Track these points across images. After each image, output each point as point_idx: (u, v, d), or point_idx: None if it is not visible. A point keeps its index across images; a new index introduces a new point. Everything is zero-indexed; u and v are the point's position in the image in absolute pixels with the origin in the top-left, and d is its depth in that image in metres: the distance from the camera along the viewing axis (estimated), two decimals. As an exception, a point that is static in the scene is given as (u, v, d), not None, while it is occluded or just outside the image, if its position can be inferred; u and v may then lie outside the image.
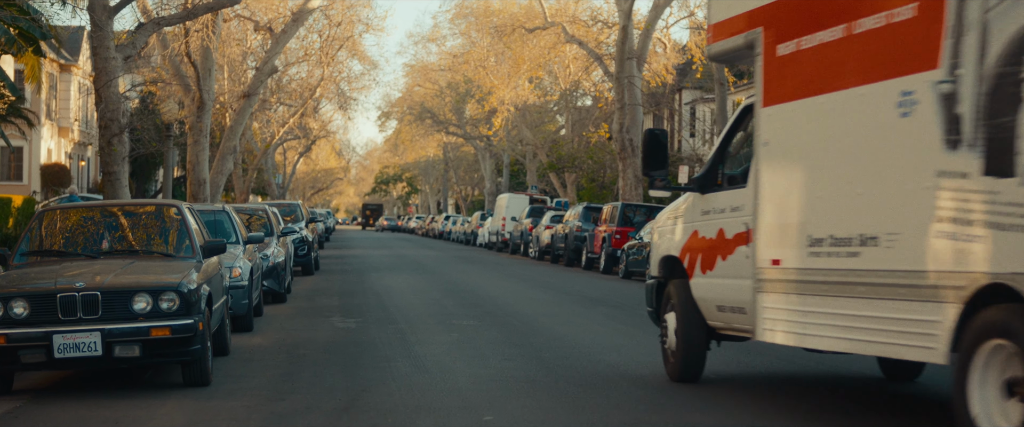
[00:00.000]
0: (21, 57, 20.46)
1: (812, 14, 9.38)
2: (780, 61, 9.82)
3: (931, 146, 7.89)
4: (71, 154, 61.72)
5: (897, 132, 8.26)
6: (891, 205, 8.36)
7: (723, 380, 12.09)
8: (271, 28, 44.08)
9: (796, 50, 9.57)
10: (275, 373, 12.66)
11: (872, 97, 8.56)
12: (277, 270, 21.05)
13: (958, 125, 7.66)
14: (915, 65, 8.06)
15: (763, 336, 10.15)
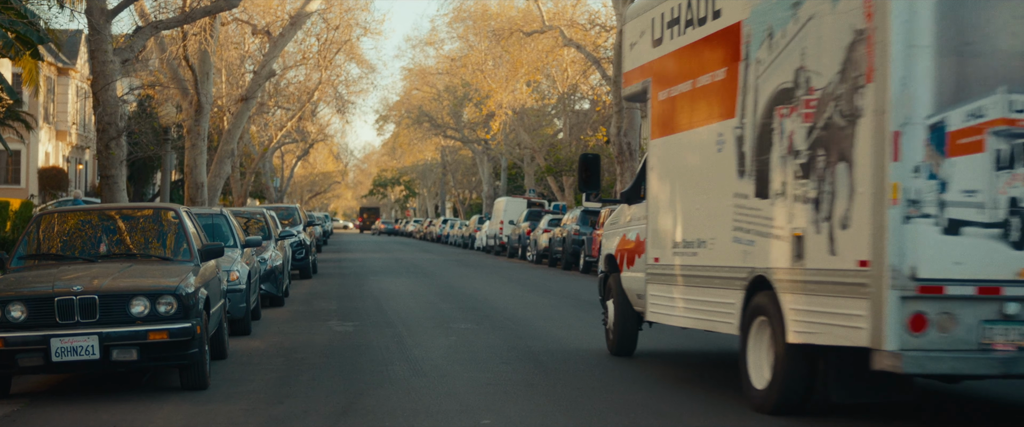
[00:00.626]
0: (19, 61, 20.46)
1: (677, 70, 12.11)
2: (660, 105, 12.55)
3: (730, 175, 10.73)
4: (69, 157, 61.70)
5: (715, 164, 11.08)
6: (712, 217, 11.18)
7: (722, 383, 12.10)
8: (269, 32, 44.08)
9: (668, 97, 12.32)
10: (273, 377, 12.65)
11: (704, 136, 11.37)
12: (275, 273, 21.04)
13: (743, 160, 10.50)
14: (725, 114, 10.88)
15: (650, 317, 12.95)
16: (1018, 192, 8.52)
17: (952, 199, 8.48)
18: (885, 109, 8.49)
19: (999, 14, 8.59)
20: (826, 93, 9.22)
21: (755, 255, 10.22)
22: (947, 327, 8.48)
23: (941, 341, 8.46)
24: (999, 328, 8.56)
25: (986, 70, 8.56)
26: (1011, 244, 8.52)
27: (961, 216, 8.50)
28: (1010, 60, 8.57)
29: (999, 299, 8.53)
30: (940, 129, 8.47)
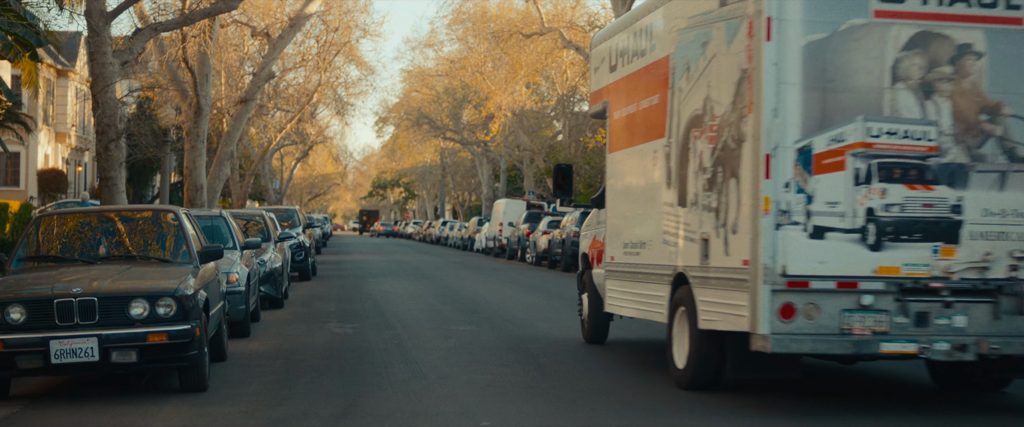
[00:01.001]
0: (18, 63, 20.44)
1: (626, 93, 13.78)
2: (614, 123, 14.26)
3: (661, 186, 12.42)
4: (68, 159, 61.68)
5: (651, 176, 12.81)
6: (649, 222, 12.92)
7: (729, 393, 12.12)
8: (268, 34, 44.08)
9: (620, 116, 14.03)
10: (272, 379, 12.65)
11: (644, 152, 13.07)
12: (274, 275, 21.03)
13: (670, 173, 12.16)
14: (658, 133, 12.52)
15: (608, 309, 14.65)
16: (874, 203, 10.16)
17: (817, 209, 10.13)
18: (760, 135, 10.12)
19: (855, 56, 10.26)
20: (723, 120, 10.87)
21: (677, 255, 11.98)
22: (813, 315, 10.09)
23: (807, 327, 10.07)
24: (857, 316, 10.15)
25: (846, 102, 10.19)
26: (868, 246, 10.16)
27: (825, 223, 10.16)
28: (866, 94, 10.22)
29: (857, 292, 10.11)
30: (807, 151, 10.13)
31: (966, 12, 10.37)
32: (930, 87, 10.33)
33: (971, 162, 10.36)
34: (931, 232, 10.25)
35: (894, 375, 13.29)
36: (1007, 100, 10.40)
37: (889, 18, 10.32)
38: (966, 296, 10.25)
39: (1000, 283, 10.27)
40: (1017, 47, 10.43)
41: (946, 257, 10.25)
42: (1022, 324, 10.27)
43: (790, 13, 10.16)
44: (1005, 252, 10.29)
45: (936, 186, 10.28)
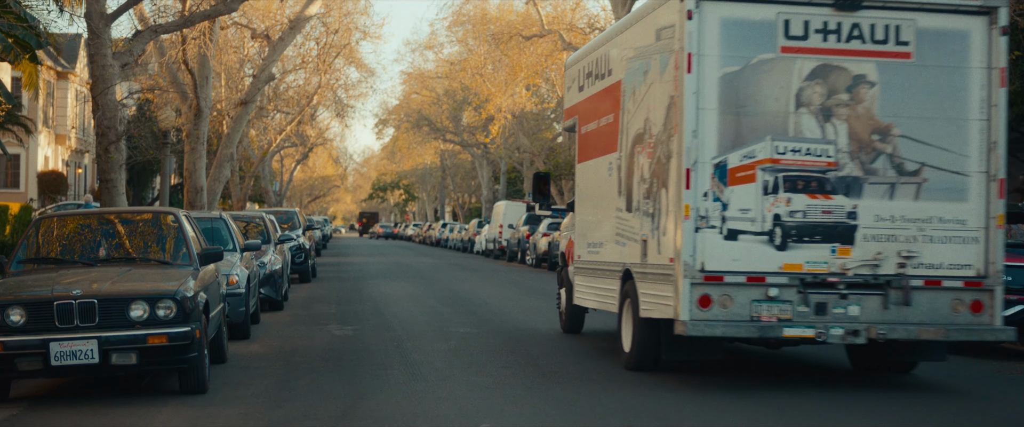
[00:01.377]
0: (18, 65, 20.44)
1: (590, 111, 15.55)
2: (582, 137, 16.12)
3: (614, 194, 14.12)
4: (68, 161, 61.67)
5: (607, 185, 14.48)
6: (606, 225, 14.57)
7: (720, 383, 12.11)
8: (268, 36, 44.08)
9: (586, 132, 15.84)
10: (272, 381, 12.65)
11: (602, 163, 14.78)
12: (274, 277, 21.03)
13: (621, 183, 13.90)
14: (612, 148, 14.28)
15: (577, 301, 16.53)
16: (780, 210, 11.80)
17: (731, 215, 11.78)
18: (682, 152, 11.78)
19: (764, 86, 11.90)
20: (657, 138, 12.58)
21: (625, 254, 13.66)
22: (726, 305, 11.71)
23: (722, 314, 11.69)
24: (764, 305, 11.75)
25: (756, 125, 11.87)
26: (775, 247, 11.80)
27: (738, 227, 11.81)
28: (774, 118, 11.89)
29: (765, 285, 11.72)
30: (723, 166, 11.80)
31: (861, 48, 12.05)
32: (829, 111, 12.00)
33: (864, 175, 12.01)
34: (829, 235, 11.89)
35: (816, 359, 14.93)
36: (896, 123, 12.05)
37: (794, 53, 11.99)
38: (859, 289, 11.89)
39: (889, 278, 11.91)
40: (905, 77, 12.07)
41: (842, 256, 11.91)
42: (907, 313, 11.90)
43: (708, 49, 11.82)
44: (894, 252, 11.95)
45: (834, 196, 11.94)
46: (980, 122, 12.14)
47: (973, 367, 14.54)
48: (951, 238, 12.07)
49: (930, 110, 12.12)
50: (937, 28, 12.15)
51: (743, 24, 11.94)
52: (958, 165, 12.13)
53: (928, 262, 12.00)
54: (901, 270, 11.91)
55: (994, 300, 12.11)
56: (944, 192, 12.11)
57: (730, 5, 11.96)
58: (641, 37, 13.34)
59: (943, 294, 12.03)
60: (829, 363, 14.56)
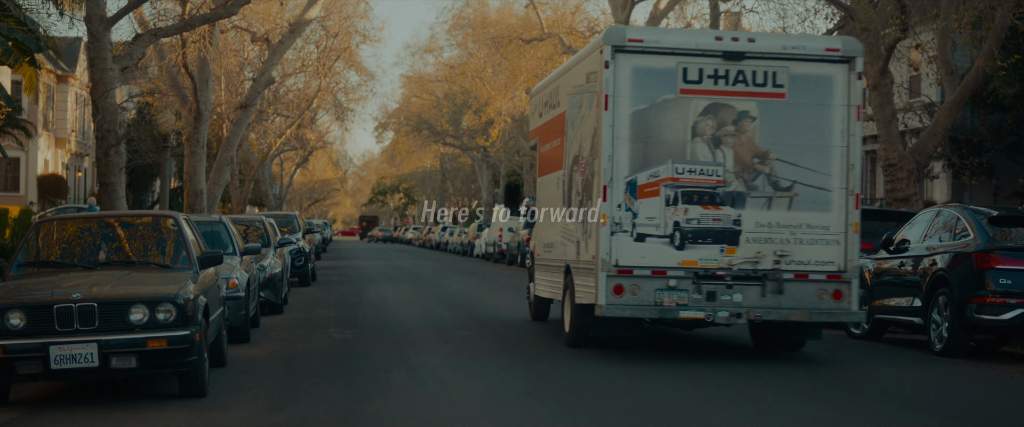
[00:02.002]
0: (18, 68, 20.43)
1: (545, 135, 18.35)
2: (540, 155, 18.86)
3: (561, 203, 16.82)
4: (68, 165, 61.67)
5: (556, 196, 17.17)
6: (554, 229, 17.31)
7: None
8: (268, 39, 44.12)
9: (543, 151, 18.62)
10: (272, 384, 12.65)
11: (553, 178, 17.53)
12: (274, 281, 21.02)
13: (565, 195, 16.59)
14: (559, 166, 17.04)
15: (537, 292, 19.34)
16: (679, 218, 14.52)
17: (640, 223, 14.57)
18: (601, 172, 14.56)
19: (667, 120, 14.62)
20: (587, 161, 15.32)
21: (567, 252, 16.39)
22: (636, 292, 14.42)
23: (632, 300, 14.41)
24: (665, 293, 14.40)
25: (660, 151, 14.61)
26: (675, 247, 14.52)
27: (645, 232, 14.59)
28: (674, 145, 14.62)
29: (666, 277, 14.41)
30: (633, 183, 14.58)
31: (744, 89, 14.68)
32: (719, 140, 14.69)
33: (747, 190, 14.67)
34: (719, 237, 14.58)
35: (727, 339, 17.85)
36: (773, 149, 14.71)
37: (690, 94, 14.67)
38: (742, 281, 14.49)
39: (766, 272, 14.52)
40: (780, 113, 14.71)
41: (729, 254, 14.55)
42: (780, 300, 14.49)
43: (622, 91, 14.55)
44: (771, 251, 14.60)
45: (722, 207, 14.60)
46: (841, 148, 14.77)
47: (973, 371, 14.54)
48: (817, 241, 14.67)
49: (800, 139, 14.75)
50: (807, 73, 14.79)
51: (650, 71, 14.65)
52: (823, 182, 14.73)
53: (798, 260, 14.62)
54: (776, 266, 14.57)
55: (851, 290, 14.67)
56: (811, 204, 14.72)
57: (639, 57, 14.63)
58: (578, 78, 16.08)
59: (810, 285, 14.61)
60: (735, 341, 17.50)
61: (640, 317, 14.80)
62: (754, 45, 14.78)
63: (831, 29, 34.35)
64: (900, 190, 25.64)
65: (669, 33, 17.40)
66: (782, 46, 14.93)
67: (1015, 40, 27.39)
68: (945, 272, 15.79)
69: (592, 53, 15.26)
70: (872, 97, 26.51)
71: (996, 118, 32.71)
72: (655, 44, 14.76)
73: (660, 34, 16.14)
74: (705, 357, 15.54)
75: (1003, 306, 15.05)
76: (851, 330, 18.35)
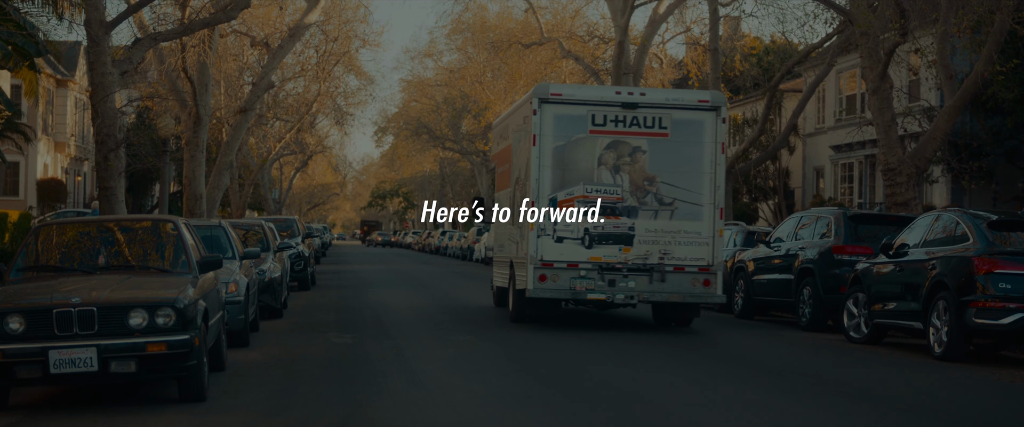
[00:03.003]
0: (17, 72, 20.41)
1: (500, 158, 22.80)
2: (498, 175, 23.25)
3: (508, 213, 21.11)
4: (67, 169, 61.65)
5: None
6: (505, 233, 21.83)
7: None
8: (268, 43, 44.09)
9: (499, 172, 22.95)
10: (271, 388, 12.65)
11: (505, 193, 21.87)
12: (273, 285, 21.02)
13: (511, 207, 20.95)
14: (507, 185, 21.37)
15: (494, 283, 23.72)
16: (589, 225, 18.99)
17: (560, 228, 19.10)
18: (531, 191, 19.17)
19: (580, 152, 19.18)
20: (523, 181, 19.85)
21: (512, 251, 20.83)
22: (556, 280, 19.00)
23: (552, 286, 19.03)
24: (578, 280, 18.97)
25: (575, 176, 19.18)
26: (585, 246, 19.00)
27: (563, 235, 19.11)
28: (585, 172, 19.17)
29: (578, 269, 18.95)
30: (554, 199, 19.13)
31: (637, 130, 19.23)
32: (618, 167, 19.24)
33: (639, 205, 19.19)
34: (618, 240, 19.13)
35: (634, 317, 22.66)
36: (659, 174, 19.24)
37: (597, 134, 19.22)
38: (635, 272, 19.03)
39: (653, 266, 19.05)
40: (665, 147, 19.25)
41: (626, 252, 19.09)
42: (663, 287, 19.05)
43: (546, 131, 19.18)
44: (657, 250, 19.12)
45: (620, 217, 19.15)
46: (710, 174, 19.27)
47: (972, 375, 14.54)
48: (691, 243, 19.17)
49: (680, 166, 19.26)
50: (684, 118, 19.35)
51: (567, 117, 19.23)
52: (696, 200, 19.25)
53: (677, 257, 19.14)
54: (661, 261, 19.10)
55: (717, 279, 19.17)
56: (688, 215, 19.21)
57: (559, 106, 19.22)
58: (518, 120, 20.76)
59: (686, 275, 19.13)
60: (641, 319, 22.34)
61: (559, 298, 19.38)
62: (645, 98, 19.43)
63: (830, 33, 34.39)
64: (899, 194, 25.63)
65: (582, 89, 20.86)
66: (665, 98, 19.73)
67: (1014, 44, 27.39)
68: (944, 276, 15.80)
69: (527, 102, 19.73)
70: (872, 101, 26.53)
71: (995, 122, 32.71)
72: (571, 97, 19.37)
73: (575, 90, 20.19)
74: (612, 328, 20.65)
75: (1002, 310, 15.06)
76: (850, 334, 18.38)
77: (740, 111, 50.00)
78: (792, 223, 22.79)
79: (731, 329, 20.80)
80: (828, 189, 43.42)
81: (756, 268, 22.97)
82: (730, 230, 26.59)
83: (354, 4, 51.29)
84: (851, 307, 18.55)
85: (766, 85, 39.08)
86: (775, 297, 22.27)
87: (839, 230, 20.44)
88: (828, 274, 20.08)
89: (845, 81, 42.51)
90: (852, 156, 41.15)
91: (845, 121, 41.50)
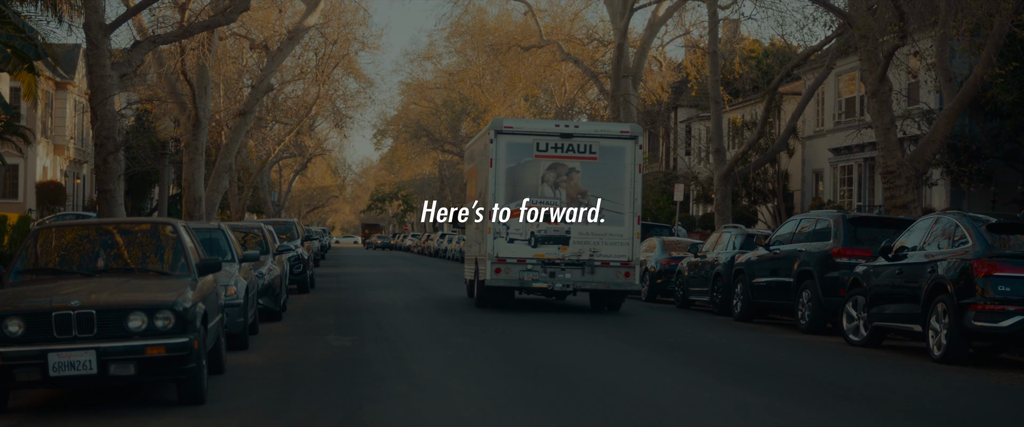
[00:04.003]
0: (17, 75, 20.43)
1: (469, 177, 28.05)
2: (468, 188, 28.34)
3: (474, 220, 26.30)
4: (67, 172, 61.64)
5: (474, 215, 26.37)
6: (472, 236, 27.10)
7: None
8: (267, 46, 44.11)
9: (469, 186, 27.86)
10: (270, 391, 12.64)
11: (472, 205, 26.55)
12: (272, 288, 21.00)
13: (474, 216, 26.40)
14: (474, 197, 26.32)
15: (466, 277, 28.36)
16: (534, 229, 23.36)
17: (511, 232, 23.41)
18: (489, 203, 23.48)
19: (527, 173, 23.48)
20: (483, 195, 23.95)
21: (477, 250, 25.23)
22: (508, 272, 23.29)
23: (505, 277, 23.35)
24: (525, 273, 23.30)
25: (523, 190, 23.48)
26: (531, 246, 23.24)
27: (514, 237, 23.49)
28: (531, 187, 23.51)
29: (526, 263, 23.28)
30: (506, 209, 23.39)
31: (573, 155, 23.51)
32: (557, 184, 23.49)
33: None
34: (557, 241, 23.48)
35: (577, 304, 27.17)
36: (590, 189, 23.50)
37: (540, 158, 23.57)
38: (571, 266, 23.42)
39: (584, 261, 23.45)
40: (595, 168, 23.54)
41: (563, 250, 23.44)
42: (593, 278, 23.49)
43: (500, 156, 23.51)
44: (588, 249, 23.48)
45: (559, 222, 23.41)
46: (630, 189, 23.56)
47: (971, 378, 14.54)
48: (615, 243, 23.57)
49: (606, 183, 23.51)
50: (610, 145, 23.73)
51: (517, 144, 23.64)
52: (619, 209, 23.51)
53: (604, 254, 23.55)
54: (591, 257, 23.54)
55: (635, 271, 23.74)
56: (613, 222, 23.49)
57: (511, 136, 23.65)
58: (480, 145, 25.40)
59: (611, 269, 23.57)
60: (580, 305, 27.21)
61: (511, 287, 23.89)
62: (578, 130, 24.00)
63: (830, 36, 34.39)
64: (899, 197, 25.64)
65: (529, 123, 25.33)
66: (594, 130, 24.34)
67: (1013, 47, 27.41)
68: (944, 279, 15.80)
69: (486, 133, 24.15)
70: (871, 104, 26.54)
71: (994, 125, 32.72)
72: (520, 129, 23.97)
73: (524, 123, 24.86)
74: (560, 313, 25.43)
75: (1002, 313, 15.06)
76: (850, 337, 18.38)
77: (739, 114, 50.02)
78: (791, 226, 22.80)
79: (730, 332, 20.79)
80: (827, 192, 43.44)
81: (755, 271, 22.97)
82: (729, 233, 26.69)
83: (353, 7, 51.36)
84: (850, 310, 18.56)
85: (765, 88, 39.05)
86: (774, 300, 22.28)
87: (838, 233, 20.43)
88: (827, 277, 20.07)
89: (844, 84, 42.53)
90: (851, 159, 41.16)
91: (844, 124, 41.52)
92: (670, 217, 49.05)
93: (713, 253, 26.23)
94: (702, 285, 26.32)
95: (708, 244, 27.52)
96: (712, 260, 25.85)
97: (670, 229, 38.74)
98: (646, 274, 29.42)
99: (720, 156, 39.10)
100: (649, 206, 52.43)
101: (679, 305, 27.60)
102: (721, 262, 25.13)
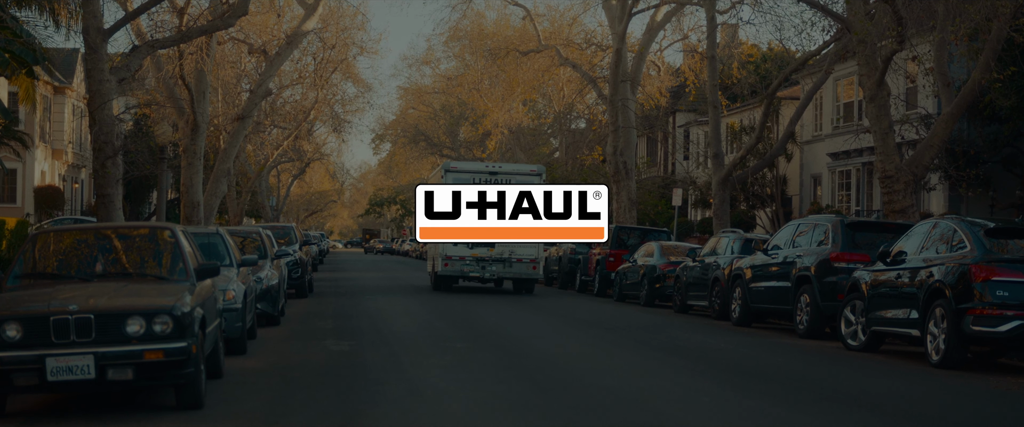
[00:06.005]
0: (15, 79, 20.42)
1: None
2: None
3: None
4: (65, 176, 61.63)
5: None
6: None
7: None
8: (265, 51, 44.13)
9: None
10: (268, 396, 12.63)
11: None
12: (271, 292, 21.00)
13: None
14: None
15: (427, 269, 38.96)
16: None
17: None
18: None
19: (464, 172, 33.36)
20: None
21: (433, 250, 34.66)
22: (454, 265, 33.50)
23: (451, 269, 33.61)
24: (464, 266, 33.45)
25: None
26: (469, 249, 33.07)
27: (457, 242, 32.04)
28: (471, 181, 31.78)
29: (465, 259, 33.32)
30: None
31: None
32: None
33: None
34: (487, 246, 32.33)
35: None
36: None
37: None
38: (496, 262, 32.91)
39: (505, 258, 32.90)
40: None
41: (491, 251, 32.70)
42: (511, 270, 33.20)
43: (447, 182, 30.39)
44: (507, 250, 32.75)
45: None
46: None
47: (970, 383, 14.54)
48: (527, 245, 32.25)
49: None
50: (523, 180, 31.43)
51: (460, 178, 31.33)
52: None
53: (519, 254, 32.67)
54: (510, 256, 32.53)
55: (540, 266, 33.69)
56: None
57: (456, 173, 32.17)
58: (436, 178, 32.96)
59: (524, 264, 32.92)
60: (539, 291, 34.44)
61: (454, 275, 33.17)
62: (502, 168, 33.26)
63: (828, 41, 34.41)
64: (897, 202, 25.65)
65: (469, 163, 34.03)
66: (512, 169, 33.91)
67: (1011, 52, 27.43)
68: (942, 284, 15.81)
69: (440, 170, 32.62)
70: (869, 109, 26.56)
71: (993, 130, 32.74)
72: (463, 168, 33.09)
73: (465, 163, 33.70)
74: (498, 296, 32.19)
75: (1000, 318, 15.07)
76: (848, 342, 18.39)
77: (737, 118, 50.04)
78: (789, 230, 22.78)
79: (728, 337, 20.79)
80: (825, 196, 43.45)
81: (753, 275, 22.96)
82: (727, 237, 26.70)
83: (352, 11, 51.43)
84: (849, 314, 18.56)
85: (763, 92, 39.09)
86: (772, 305, 22.27)
87: (836, 237, 20.44)
88: (825, 282, 20.07)
89: (842, 88, 42.56)
90: (849, 163, 41.18)
91: (842, 128, 41.54)
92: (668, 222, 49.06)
93: (711, 258, 26.24)
94: (701, 290, 26.32)
95: (706, 249, 27.54)
96: (710, 265, 25.86)
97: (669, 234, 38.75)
98: (644, 278, 29.96)
99: (718, 161, 39.13)
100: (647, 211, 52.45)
101: (677, 310, 27.61)
102: (719, 267, 25.13)
